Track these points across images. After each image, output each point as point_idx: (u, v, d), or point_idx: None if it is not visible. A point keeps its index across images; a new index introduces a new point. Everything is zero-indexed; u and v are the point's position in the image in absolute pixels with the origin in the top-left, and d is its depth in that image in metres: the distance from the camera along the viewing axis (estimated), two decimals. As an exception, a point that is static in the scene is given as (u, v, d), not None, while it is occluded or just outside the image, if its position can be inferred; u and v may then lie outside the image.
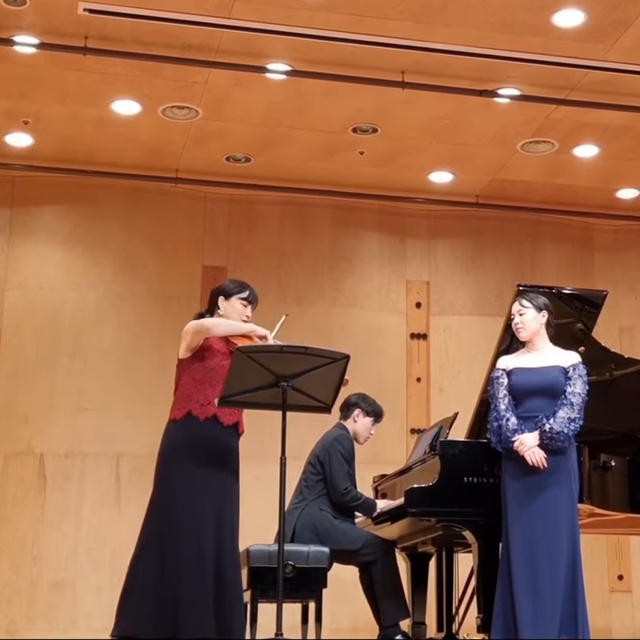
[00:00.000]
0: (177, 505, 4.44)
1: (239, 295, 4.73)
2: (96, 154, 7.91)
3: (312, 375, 4.53)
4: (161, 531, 4.43)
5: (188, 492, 4.44)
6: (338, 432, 5.86)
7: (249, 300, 4.74)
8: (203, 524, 4.42)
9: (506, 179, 8.32)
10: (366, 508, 5.73)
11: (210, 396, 4.53)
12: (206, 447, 4.51)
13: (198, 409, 4.53)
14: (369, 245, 8.67)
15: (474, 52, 6.52)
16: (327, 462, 5.72)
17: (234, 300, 4.72)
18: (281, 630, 4.43)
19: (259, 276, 8.32)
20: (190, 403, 4.55)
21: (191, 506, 4.42)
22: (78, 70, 6.75)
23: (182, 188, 8.32)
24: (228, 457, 4.57)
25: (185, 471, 4.47)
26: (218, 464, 4.51)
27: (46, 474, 7.72)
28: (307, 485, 5.75)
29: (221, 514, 4.49)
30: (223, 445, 4.56)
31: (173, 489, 4.47)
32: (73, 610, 7.53)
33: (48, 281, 8.11)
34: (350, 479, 5.76)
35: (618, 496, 5.34)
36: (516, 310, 5.00)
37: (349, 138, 7.65)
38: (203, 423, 4.52)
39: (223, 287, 4.79)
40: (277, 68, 6.73)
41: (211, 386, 4.55)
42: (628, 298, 8.76)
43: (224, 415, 4.56)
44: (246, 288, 4.77)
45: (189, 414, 4.53)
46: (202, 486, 4.45)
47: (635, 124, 7.36)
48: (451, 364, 8.50)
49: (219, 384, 4.52)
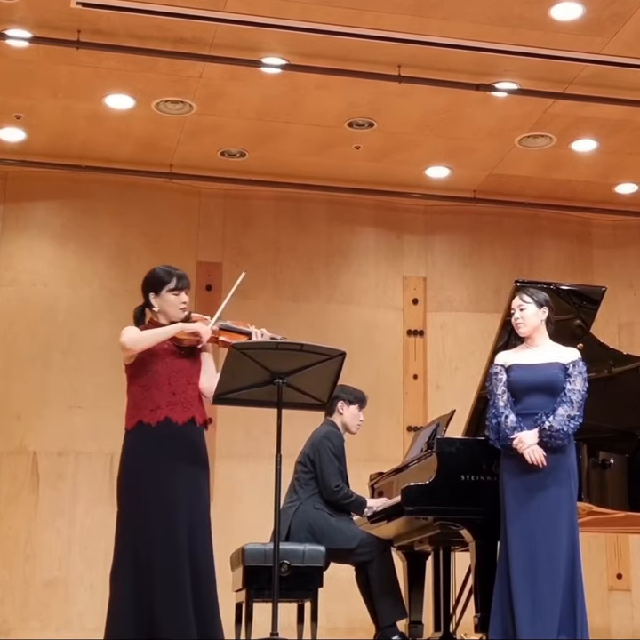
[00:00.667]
0: (143, 516, 4.34)
1: (167, 287, 4.54)
2: (89, 149, 7.90)
3: (308, 372, 4.52)
4: (130, 544, 4.34)
5: (151, 502, 4.34)
6: (326, 429, 5.83)
7: (179, 288, 4.55)
8: (173, 531, 4.32)
9: (503, 173, 8.32)
10: (357, 506, 5.72)
11: (158, 400, 4.41)
12: (164, 451, 4.37)
13: (148, 415, 4.41)
14: (365, 241, 8.66)
15: (471, 46, 6.51)
16: (317, 460, 5.70)
17: (164, 293, 4.55)
18: (276, 630, 4.42)
19: (254, 272, 8.33)
20: (140, 411, 4.43)
21: (158, 515, 4.32)
22: (71, 64, 6.73)
23: (176, 183, 8.31)
24: (189, 455, 4.43)
25: (146, 480, 4.36)
26: (179, 465, 4.39)
27: (39, 472, 7.70)
28: (300, 484, 5.73)
29: (191, 516, 4.38)
30: (182, 445, 4.42)
31: (137, 500, 4.36)
32: (66, 609, 7.52)
33: (41, 277, 8.09)
34: (341, 476, 5.74)
35: (617, 494, 5.32)
36: (517, 305, 4.97)
37: (345, 132, 7.64)
38: (155, 428, 4.38)
39: (149, 282, 4.60)
40: (272, 61, 6.72)
41: (158, 389, 4.42)
42: (626, 294, 8.76)
43: (176, 414, 4.42)
44: (171, 276, 4.55)
45: (140, 423, 4.41)
46: (165, 493, 4.34)
47: (633, 118, 7.35)
48: (448, 361, 8.49)
49: (166, 385, 4.43)
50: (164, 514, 4.31)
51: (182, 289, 4.56)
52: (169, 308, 4.55)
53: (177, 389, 4.44)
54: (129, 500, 4.39)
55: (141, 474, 4.37)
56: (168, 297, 4.54)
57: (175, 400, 4.42)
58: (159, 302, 4.55)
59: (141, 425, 4.41)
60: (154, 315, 4.58)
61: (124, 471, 4.43)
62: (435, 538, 5.41)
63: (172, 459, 4.37)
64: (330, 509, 5.66)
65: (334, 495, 5.65)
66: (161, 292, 4.54)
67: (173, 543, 4.30)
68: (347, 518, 5.73)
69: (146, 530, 4.31)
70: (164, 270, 4.58)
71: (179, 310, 4.55)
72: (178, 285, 4.55)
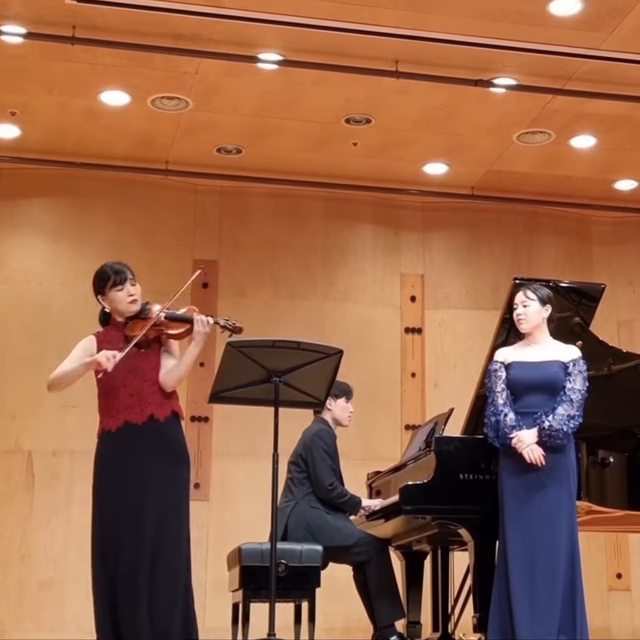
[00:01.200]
0: (106, 522, 4.31)
1: (108, 285, 4.47)
2: (84, 145, 7.88)
3: (305, 370, 4.53)
4: (100, 549, 4.33)
5: (116, 505, 4.30)
6: (317, 427, 5.80)
7: (119, 282, 4.46)
8: (137, 536, 4.27)
9: (502, 170, 8.31)
10: (351, 505, 5.70)
11: (117, 406, 4.39)
12: (126, 454, 4.33)
13: (110, 422, 4.39)
14: (362, 238, 8.64)
15: (469, 42, 6.49)
16: (310, 459, 5.68)
17: (108, 293, 4.48)
18: (273, 631, 4.42)
19: (251, 270, 8.35)
20: (103, 419, 4.43)
21: (122, 520, 4.28)
22: (66, 60, 6.71)
23: (172, 180, 8.29)
24: (155, 453, 4.36)
25: (110, 487, 4.33)
26: (143, 466, 4.33)
27: (34, 472, 7.68)
28: (294, 484, 5.71)
29: (159, 516, 4.31)
30: (145, 444, 4.35)
31: (102, 507, 4.34)
32: (61, 610, 7.49)
33: (36, 275, 8.06)
34: (335, 474, 5.72)
35: (616, 493, 5.32)
36: (520, 301, 4.95)
37: (342, 128, 7.63)
38: (116, 433, 4.35)
39: (94, 285, 4.54)
40: (269, 57, 6.70)
41: (115, 395, 4.39)
42: (626, 291, 8.75)
43: (134, 415, 4.37)
44: (109, 272, 4.47)
45: (104, 430, 4.41)
46: (130, 495, 4.30)
47: (633, 113, 7.34)
48: (446, 359, 8.47)
49: (122, 388, 4.38)
50: (128, 518, 4.26)
51: (123, 282, 4.46)
52: (117, 305, 4.48)
53: (133, 390, 4.39)
54: (95, 508, 4.36)
55: (106, 481, 4.35)
56: (113, 295, 4.47)
57: (132, 402, 4.38)
58: (108, 303, 4.50)
59: (105, 432, 4.40)
60: (112, 315, 4.53)
61: (94, 480, 4.40)
62: (433, 537, 5.40)
63: (136, 461, 4.32)
64: (326, 508, 5.64)
65: (328, 494, 5.63)
66: (105, 291, 4.48)
67: (136, 549, 4.25)
68: (343, 517, 5.71)
69: (109, 535, 4.27)
70: (102, 269, 4.52)
71: (128, 304, 4.47)
72: (116, 280, 4.45)
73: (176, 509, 4.36)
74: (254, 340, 4.53)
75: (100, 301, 4.52)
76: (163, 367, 4.45)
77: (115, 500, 4.30)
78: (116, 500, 4.30)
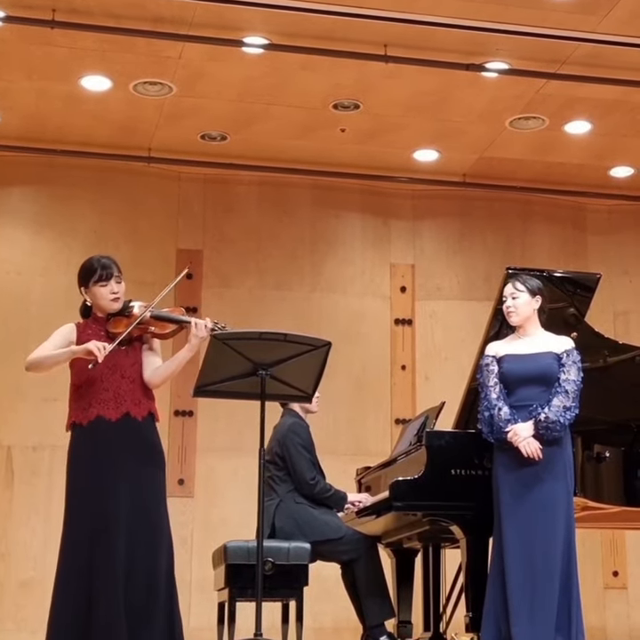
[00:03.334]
0: (77, 522, 4.28)
1: (93, 280, 4.43)
2: (65, 132, 7.83)
3: (292, 363, 4.51)
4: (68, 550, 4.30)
5: (87, 503, 4.26)
6: (289, 422, 5.69)
7: (104, 279, 4.43)
8: (107, 535, 4.21)
9: (494, 157, 8.29)
10: (336, 500, 5.63)
11: (89, 398, 4.36)
12: (97, 451, 4.29)
13: (81, 415, 4.35)
14: (351, 227, 8.61)
15: (460, 24, 6.45)
16: (287, 456, 5.59)
17: (92, 287, 4.44)
18: (260, 630, 4.38)
19: (236, 260, 8.38)
20: (72, 411, 4.39)
21: (92, 518, 4.24)
22: (46, 45, 6.65)
23: (155, 168, 8.24)
24: (129, 452, 4.32)
25: (81, 482, 4.31)
26: (116, 464, 4.28)
27: (14, 468, 7.62)
28: (275, 482, 5.62)
29: (132, 517, 4.26)
30: (118, 442, 4.31)
31: (73, 503, 4.31)
32: (42, 610, 7.20)
33: (15, 266, 7.99)
34: (315, 468, 5.65)
35: (612, 488, 5.30)
36: (509, 293, 4.93)
37: (330, 114, 7.61)
38: (87, 428, 4.31)
39: (79, 276, 4.50)
40: (254, 41, 6.67)
41: (89, 387, 4.36)
42: (622, 281, 8.74)
43: (108, 411, 4.34)
44: (96, 266, 4.45)
45: (73, 423, 4.37)
46: (102, 494, 4.26)
47: (628, 98, 7.32)
48: (437, 351, 8.46)
49: (98, 382, 4.34)
50: (98, 516, 4.23)
51: (108, 278, 4.43)
52: (99, 301, 4.45)
53: (110, 385, 4.36)
54: (67, 503, 4.34)
55: (81, 475, 4.32)
56: (96, 290, 4.43)
57: (107, 397, 4.35)
58: (90, 296, 4.47)
59: (74, 425, 4.37)
60: (93, 309, 4.50)
61: (68, 473, 4.38)
62: (424, 534, 5.38)
63: (107, 458, 4.29)
64: (310, 503, 5.57)
65: (311, 489, 5.56)
66: (89, 285, 4.45)
67: (108, 550, 4.19)
68: (330, 511, 5.65)
69: (81, 536, 4.23)
70: (90, 261, 4.48)
71: (110, 302, 4.45)
72: (102, 276, 4.42)
73: (154, 510, 4.32)
74: (240, 331, 4.50)
75: (82, 293, 4.49)
76: (146, 365, 4.43)
77: (90, 493, 4.25)
78: (92, 492, 4.25)
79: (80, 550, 4.21)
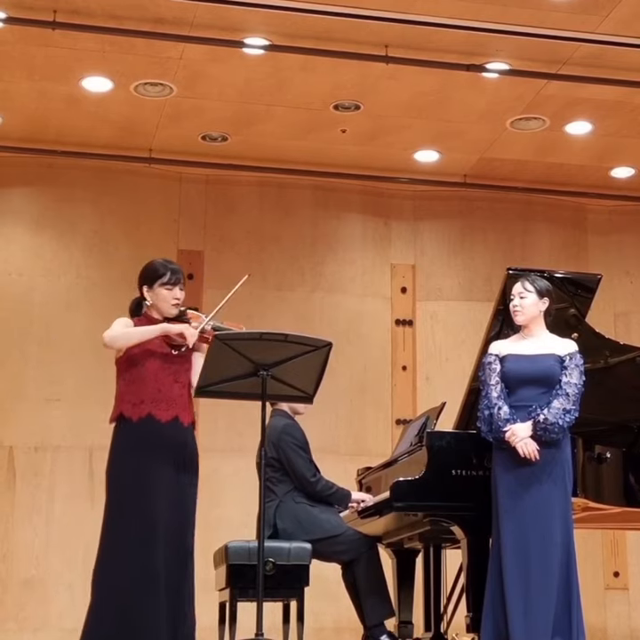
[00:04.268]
0: (122, 514, 4.37)
1: (160, 281, 4.55)
2: (66, 133, 7.82)
3: (293, 363, 4.51)
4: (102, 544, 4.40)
5: (131, 498, 4.36)
6: (281, 423, 5.60)
7: (172, 282, 4.55)
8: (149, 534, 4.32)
9: (495, 157, 8.28)
10: (340, 497, 5.55)
11: (142, 395, 4.44)
12: (144, 448, 4.41)
13: (130, 409, 4.43)
14: (351, 228, 8.60)
15: (461, 25, 6.44)
16: (284, 458, 5.52)
17: (156, 287, 4.56)
18: (261, 630, 4.38)
19: (237, 260, 8.36)
20: (122, 404, 4.46)
21: (136, 514, 4.34)
22: (47, 46, 6.64)
23: (156, 169, 8.23)
24: (174, 454, 4.44)
25: (128, 477, 4.40)
26: (161, 464, 4.40)
27: (16, 468, 7.61)
28: (273, 484, 5.53)
29: (171, 517, 4.38)
30: (164, 443, 4.42)
31: (119, 497, 4.40)
32: (44, 609, 7.46)
33: (16, 267, 7.98)
34: (313, 465, 5.59)
35: (613, 489, 5.28)
36: (517, 292, 4.91)
37: (330, 115, 7.60)
38: (136, 424, 4.41)
39: (143, 275, 4.62)
40: (254, 42, 6.66)
41: (143, 384, 4.46)
42: (623, 282, 8.73)
43: (160, 411, 4.44)
44: (165, 269, 4.57)
45: (121, 416, 4.44)
46: (146, 490, 4.36)
47: (629, 99, 7.30)
48: (438, 352, 8.44)
49: (152, 381, 4.44)
50: (142, 512, 4.32)
51: (176, 284, 4.57)
52: (160, 302, 4.55)
53: (163, 387, 4.45)
54: (112, 496, 4.41)
55: (124, 471, 4.40)
56: (160, 291, 4.55)
57: (160, 397, 4.43)
58: (151, 296, 4.57)
59: (122, 418, 4.43)
60: (148, 308, 4.59)
61: (110, 466, 4.45)
62: (425, 535, 5.36)
63: (154, 457, 4.39)
64: (310, 501, 5.52)
65: (314, 487, 5.49)
66: (154, 285, 4.57)
67: (149, 550, 4.29)
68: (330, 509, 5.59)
69: (123, 529, 4.31)
70: (159, 263, 4.61)
71: (171, 306, 4.56)
72: (171, 280, 4.54)
73: (191, 518, 4.51)
74: (241, 332, 4.52)
75: (143, 292, 4.58)
76: (195, 371, 4.52)
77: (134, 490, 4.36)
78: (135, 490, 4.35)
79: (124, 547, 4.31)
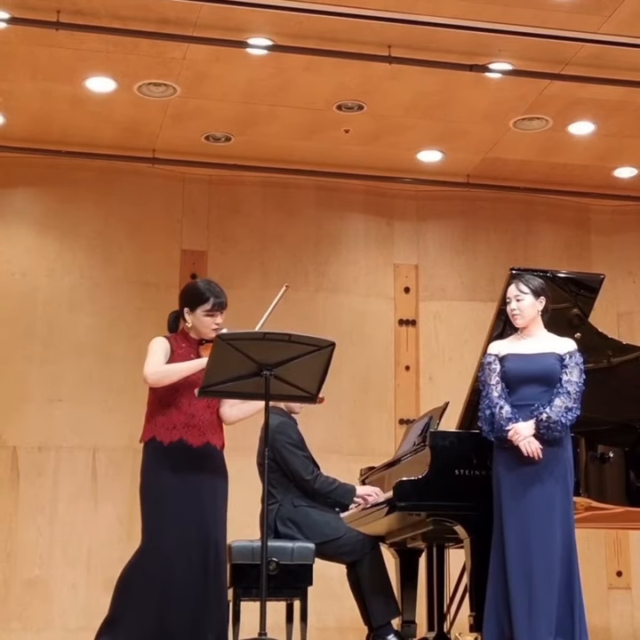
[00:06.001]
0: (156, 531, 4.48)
1: (203, 307, 4.63)
2: (69, 133, 7.81)
3: (296, 363, 4.50)
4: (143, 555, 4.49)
5: (162, 520, 4.48)
6: (275, 423, 5.42)
7: (214, 310, 4.64)
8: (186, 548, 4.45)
9: (498, 157, 8.26)
10: (343, 493, 5.43)
11: (175, 420, 4.54)
12: (177, 466, 4.50)
13: (163, 433, 4.53)
14: (355, 228, 8.59)
15: (464, 25, 6.42)
16: (280, 459, 5.44)
17: (199, 312, 4.64)
18: (265, 630, 4.38)
19: (240, 260, 8.33)
20: (155, 427, 4.56)
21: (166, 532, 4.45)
22: (50, 46, 6.64)
23: (160, 169, 8.23)
24: (199, 478, 4.53)
25: (157, 496, 4.50)
26: (188, 487, 4.49)
27: (19, 468, 7.61)
28: (272, 486, 5.43)
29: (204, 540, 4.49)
30: (193, 468, 4.52)
31: (150, 516, 4.51)
32: (48, 609, 7.45)
33: (20, 267, 7.97)
34: (311, 462, 5.51)
35: (616, 489, 5.28)
36: (513, 295, 4.91)
37: (334, 115, 7.58)
38: (167, 448, 4.51)
39: (186, 297, 4.70)
40: (258, 42, 6.65)
41: (176, 409, 4.55)
42: (626, 282, 8.72)
43: (192, 437, 4.54)
44: (210, 296, 4.64)
45: (154, 439, 4.55)
46: (175, 514, 4.47)
47: (632, 99, 7.29)
48: (441, 352, 8.43)
49: (185, 405, 4.54)
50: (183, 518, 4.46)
51: (218, 311, 4.63)
52: (200, 327, 4.64)
53: (196, 412, 4.55)
54: (149, 511, 4.52)
55: (161, 487, 4.51)
56: (202, 316, 4.63)
57: (193, 422, 4.54)
58: (192, 319, 4.65)
59: (155, 441, 4.53)
60: (185, 327, 4.66)
61: (145, 482, 4.56)
62: (428, 534, 5.37)
63: (187, 471, 4.48)
64: (309, 503, 5.45)
65: (312, 485, 5.40)
66: (196, 310, 4.64)
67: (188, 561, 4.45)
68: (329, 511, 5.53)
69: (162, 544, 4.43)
70: (204, 287, 4.66)
71: (211, 331, 4.63)
72: (214, 308, 4.63)
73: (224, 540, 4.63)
74: (244, 332, 4.49)
75: (184, 312, 4.66)
76: (224, 401, 4.65)
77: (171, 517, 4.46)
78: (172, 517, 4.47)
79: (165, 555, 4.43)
